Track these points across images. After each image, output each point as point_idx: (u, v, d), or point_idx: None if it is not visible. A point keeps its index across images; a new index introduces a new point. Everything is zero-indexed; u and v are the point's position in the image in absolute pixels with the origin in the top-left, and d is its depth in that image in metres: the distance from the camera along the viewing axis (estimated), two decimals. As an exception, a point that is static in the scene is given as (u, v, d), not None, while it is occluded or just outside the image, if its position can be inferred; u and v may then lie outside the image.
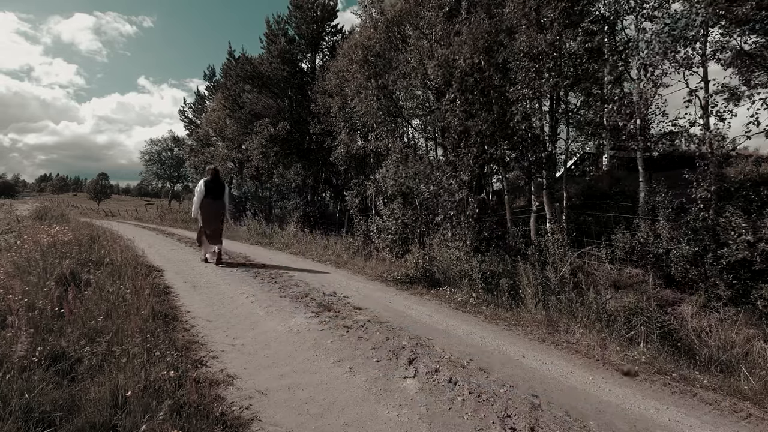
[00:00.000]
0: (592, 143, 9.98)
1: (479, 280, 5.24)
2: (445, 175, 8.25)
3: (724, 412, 2.52)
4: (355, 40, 11.32)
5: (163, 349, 2.81)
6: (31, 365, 2.32)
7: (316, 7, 17.09)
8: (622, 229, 7.15)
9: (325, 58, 17.42)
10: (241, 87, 17.04)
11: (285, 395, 2.48)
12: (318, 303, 4.43)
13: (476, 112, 8.36)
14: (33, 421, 1.90)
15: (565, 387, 2.73)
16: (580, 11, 7.68)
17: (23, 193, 75.11)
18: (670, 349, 3.55)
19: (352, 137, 12.29)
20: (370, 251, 8.22)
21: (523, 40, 7.36)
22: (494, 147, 8.67)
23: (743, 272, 5.47)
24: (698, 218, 5.92)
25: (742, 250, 5.30)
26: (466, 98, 8.32)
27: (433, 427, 2.18)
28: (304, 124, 15.25)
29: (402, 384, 2.66)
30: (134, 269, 4.88)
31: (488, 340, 3.57)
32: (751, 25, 5.98)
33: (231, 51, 18.87)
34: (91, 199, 56.68)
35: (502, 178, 9.64)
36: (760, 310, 5.08)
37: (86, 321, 3.07)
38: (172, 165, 46.55)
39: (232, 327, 3.67)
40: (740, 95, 6.07)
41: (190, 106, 31.17)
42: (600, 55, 7.57)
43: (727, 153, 6.20)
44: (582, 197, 10.41)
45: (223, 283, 5.31)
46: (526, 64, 7.39)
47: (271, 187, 17.74)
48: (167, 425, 1.93)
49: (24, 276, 3.96)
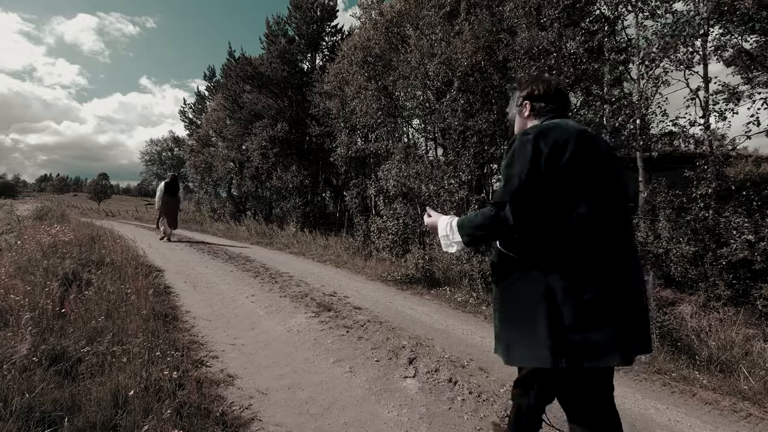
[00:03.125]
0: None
1: (479, 280, 5.24)
2: (445, 175, 8.26)
3: (723, 412, 2.52)
4: (354, 41, 11.32)
5: (163, 348, 2.82)
6: (32, 365, 2.33)
7: (316, 7, 17.10)
8: (622, 228, 7.14)
9: (325, 58, 17.42)
10: (241, 87, 17.06)
11: (285, 395, 2.48)
12: (318, 303, 4.43)
13: (476, 111, 8.36)
14: (33, 421, 1.90)
15: (564, 387, 2.73)
16: (580, 10, 7.69)
17: (23, 193, 75.19)
18: (669, 349, 3.55)
19: (351, 138, 12.30)
20: (370, 251, 8.23)
21: (524, 36, 7.37)
22: (494, 147, 8.67)
23: (743, 272, 5.47)
24: (698, 218, 5.92)
25: (743, 250, 5.30)
26: (466, 98, 8.32)
27: (433, 426, 2.18)
28: (304, 125, 15.26)
29: (402, 384, 2.66)
30: (135, 269, 4.89)
31: (488, 340, 3.57)
32: (751, 24, 5.98)
33: (231, 51, 18.90)
34: (92, 199, 56.76)
35: (502, 178, 9.63)
36: (760, 309, 5.08)
37: (87, 321, 3.07)
38: (172, 165, 46.54)
39: (233, 327, 3.68)
40: (740, 95, 6.07)
41: (190, 106, 31.22)
42: (600, 54, 7.57)
43: (727, 153, 6.20)
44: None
45: (223, 283, 5.31)
46: (527, 62, 7.39)
47: (270, 187, 17.76)
48: (168, 425, 1.93)
49: (25, 276, 3.96)
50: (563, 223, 1.36)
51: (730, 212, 5.58)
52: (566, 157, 1.35)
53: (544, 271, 1.37)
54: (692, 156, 6.52)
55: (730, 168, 8.26)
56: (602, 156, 1.43)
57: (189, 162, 24.31)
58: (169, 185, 9.27)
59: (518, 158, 1.38)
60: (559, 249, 1.36)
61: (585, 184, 1.36)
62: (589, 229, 1.35)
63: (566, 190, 1.35)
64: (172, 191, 9.24)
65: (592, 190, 1.37)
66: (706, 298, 5.67)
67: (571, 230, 1.35)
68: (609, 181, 1.41)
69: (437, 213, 1.70)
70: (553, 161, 1.35)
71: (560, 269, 1.35)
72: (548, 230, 1.37)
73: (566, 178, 1.35)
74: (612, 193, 1.41)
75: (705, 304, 5.65)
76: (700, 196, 5.91)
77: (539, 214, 1.36)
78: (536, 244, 1.39)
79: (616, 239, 1.39)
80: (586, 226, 1.35)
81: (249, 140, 15.79)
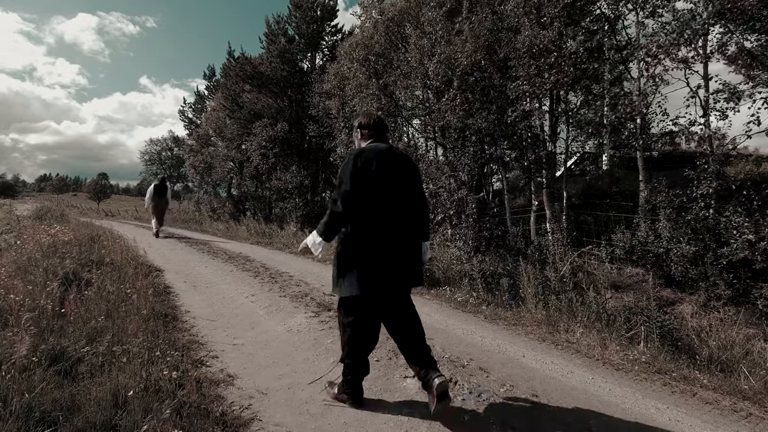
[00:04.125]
0: (592, 143, 9.98)
1: (479, 280, 5.24)
2: (444, 174, 8.26)
3: (724, 412, 2.52)
4: (355, 39, 11.32)
5: (163, 348, 2.81)
6: (32, 365, 2.32)
7: (316, 6, 17.09)
8: (622, 228, 7.15)
9: (324, 57, 17.42)
10: (241, 87, 17.05)
11: (285, 395, 2.48)
12: (318, 303, 4.43)
13: (476, 111, 8.36)
14: (33, 421, 1.90)
15: (565, 386, 2.73)
16: (581, 9, 7.68)
17: (23, 193, 75.15)
18: (670, 349, 3.55)
19: (351, 138, 12.28)
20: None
21: (526, 35, 7.36)
22: (494, 146, 8.67)
23: (743, 272, 5.47)
24: (699, 217, 5.92)
25: (743, 250, 5.29)
26: (466, 97, 8.32)
27: (433, 426, 2.18)
28: (304, 125, 15.25)
29: (402, 384, 2.66)
30: (134, 269, 4.88)
31: (488, 340, 3.57)
32: (752, 23, 5.97)
33: (231, 51, 18.90)
34: (91, 199, 56.72)
35: (502, 178, 9.64)
36: (761, 309, 5.08)
37: (87, 321, 3.07)
38: (172, 165, 46.49)
39: (232, 327, 3.67)
40: (741, 94, 6.06)
41: (190, 105, 31.18)
42: (600, 53, 7.57)
43: (728, 152, 6.20)
44: (582, 197, 10.41)
45: (223, 283, 5.31)
46: (527, 61, 7.38)
47: (270, 187, 17.77)
48: (168, 425, 1.93)
49: (25, 276, 3.96)
50: (367, 211, 2.18)
51: (731, 212, 5.57)
52: (372, 168, 2.17)
53: (356, 240, 2.20)
54: (692, 155, 6.52)
55: (730, 167, 8.26)
56: (395, 166, 2.27)
57: (189, 162, 24.30)
58: (157, 187, 10.35)
59: (345, 170, 2.18)
60: (364, 227, 2.19)
61: (380, 185, 2.19)
62: (373, 217, 2.18)
63: (370, 189, 2.17)
64: (160, 192, 10.30)
65: (384, 189, 2.20)
66: (707, 298, 5.67)
67: (370, 215, 2.18)
68: (395, 183, 2.25)
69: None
70: (364, 172, 2.16)
71: (363, 239, 2.18)
72: (359, 215, 2.18)
73: (371, 182, 2.17)
74: (396, 190, 2.25)
75: (705, 303, 5.65)
76: (701, 196, 5.91)
77: (356, 206, 2.15)
78: (354, 224, 2.20)
79: (396, 221, 2.23)
80: (372, 215, 2.18)
81: (249, 140, 15.78)
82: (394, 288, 2.24)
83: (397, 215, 2.23)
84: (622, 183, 10.23)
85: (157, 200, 10.27)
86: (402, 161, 2.32)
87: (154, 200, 10.25)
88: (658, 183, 6.64)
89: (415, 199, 2.35)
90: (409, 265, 2.29)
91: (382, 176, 2.19)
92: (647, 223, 6.80)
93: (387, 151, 2.27)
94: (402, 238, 2.25)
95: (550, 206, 8.27)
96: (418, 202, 2.38)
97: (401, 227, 2.25)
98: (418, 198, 2.39)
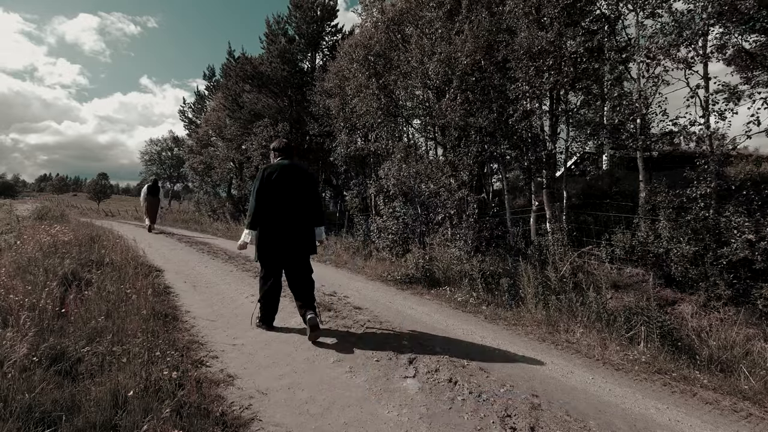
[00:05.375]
0: (592, 143, 9.99)
1: (479, 280, 5.24)
2: (444, 174, 8.26)
3: (724, 412, 2.52)
4: (355, 39, 11.31)
5: (163, 349, 2.81)
6: (32, 365, 2.32)
7: (316, 6, 17.09)
8: (622, 228, 7.15)
9: (325, 57, 17.41)
10: (241, 87, 17.04)
11: (285, 395, 2.48)
12: (318, 303, 4.42)
13: (476, 110, 8.36)
14: (33, 421, 1.90)
15: (565, 387, 2.73)
16: (580, 9, 7.67)
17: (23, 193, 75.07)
18: (670, 349, 3.55)
19: (351, 138, 12.28)
20: (370, 251, 8.22)
21: (524, 36, 7.35)
22: (494, 146, 8.67)
23: (743, 272, 5.47)
24: (699, 217, 5.91)
25: (743, 250, 5.29)
26: (466, 97, 8.32)
27: (433, 426, 2.18)
28: (304, 124, 15.24)
29: (402, 384, 2.66)
30: (134, 269, 4.88)
31: (488, 340, 3.57)
32: (751, 24, 5.97)
33: (231, 51, 18.89)
34: (91, 199, 56.67)
35: (502, 178, 9.63)
36: (761, 309, 5.07)
37: (87, 321, 3.07)
38: (171, 165, 46.44)
39: (232, 327, 3.67)
40: (740, 95, 6.06)
41: (190, 106, 31.14)
42: (600, 54, 7.56)
43: (728, 152, 6.19)
44: (582, 197, 10.40)
45: (223, 283, 5.31)
46: (527, 62, 7.38)
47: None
48: (168, 425, 1.93)
49: (25, 276, 3.95)
50: (270, 206, 3.32)
51: (731, 212, 5.57)
52: (273, 178, 3.34)
53: (262, 228, 3.37)
54: (692, 155, 6.51)
55: (730, 167, 8.25)
56: (291, 176, 3.40)
57: (188, 162, 24.28)
58: (150, 188, 11.55)
59: (256, 179, 3.38)
60: (266, 219, 3.34)
61: (279, 189, 3.34)
62: (274, 210, 3.33)
63: (272, 192, 3.33)
64: (153, 192, 11.51)
65: (281, 191, 3.35)
66: (707, 298, 5.67)
67: (269, 211, 3.33)
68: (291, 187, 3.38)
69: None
70: (268, 180, 3.33)
71: (267, 225, 3.35)
72: (265, 209, 3.33)
73: (272, 187, 3.34)
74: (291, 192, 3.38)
75: (705, 303, 5.65)
76: (701, 196, 5.90)
77: (263, 204, 3.32)
78: (261, 218, 3.34)
79: (290, 212, 3.37)
80: (274, 209, 3.33)
81: (249, 140, 15.77)
82: (289, 255, 3.38)
83: (290, 209, 3.35)
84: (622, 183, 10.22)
85: (150, 199, 11.45)
86: (298, 173, 3.43)
87: (147, 200, 11.44)
88: (658, 183, 6.64)
89: (307, 198, 3.44)
90: (302, 241, 3.41)
91: (280, 183, 3.34)
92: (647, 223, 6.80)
93: (287, 166, 3.42)
94: (295, 224, 3.37)
95: (550, 206, 8.27)
96: (311, 201, 3.47)
97: (294, 216, 3.37)
98: (310, 198, 3.47)
